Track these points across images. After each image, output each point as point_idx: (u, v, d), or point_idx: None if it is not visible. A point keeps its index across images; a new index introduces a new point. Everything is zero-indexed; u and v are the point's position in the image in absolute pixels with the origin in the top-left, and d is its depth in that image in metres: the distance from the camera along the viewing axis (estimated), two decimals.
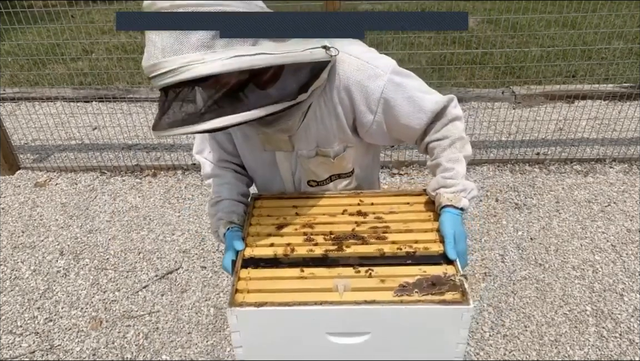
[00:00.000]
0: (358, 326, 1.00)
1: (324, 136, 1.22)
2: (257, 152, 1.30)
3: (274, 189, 1.39)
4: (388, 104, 1.16)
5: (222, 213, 1.26)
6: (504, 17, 3.70)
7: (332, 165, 1.28)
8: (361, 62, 1.14)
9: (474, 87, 4.21)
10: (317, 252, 1.12)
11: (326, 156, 1.25)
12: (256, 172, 1.38)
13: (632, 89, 3.96)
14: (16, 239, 2.89)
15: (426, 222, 1.21)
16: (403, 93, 1.16)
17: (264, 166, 1.33)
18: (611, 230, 2.80)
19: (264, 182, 1.40)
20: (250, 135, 1.27)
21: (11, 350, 2.22)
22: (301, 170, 1.30)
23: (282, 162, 1.30)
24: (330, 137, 1.22)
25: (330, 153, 1.25)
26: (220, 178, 1.35)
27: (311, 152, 1.25)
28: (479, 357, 2.13)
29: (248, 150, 1.31)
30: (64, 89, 4.25)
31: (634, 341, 2.16)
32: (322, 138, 1.22)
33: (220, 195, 1.31)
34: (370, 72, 1.14)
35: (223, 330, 2.28)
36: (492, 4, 5.01)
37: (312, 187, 1.35)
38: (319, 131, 1.21)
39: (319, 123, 1.20)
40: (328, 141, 1.23)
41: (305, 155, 1.25)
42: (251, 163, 1.36)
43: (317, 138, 1.22)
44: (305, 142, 1.23)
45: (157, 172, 3.47)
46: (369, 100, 1.15)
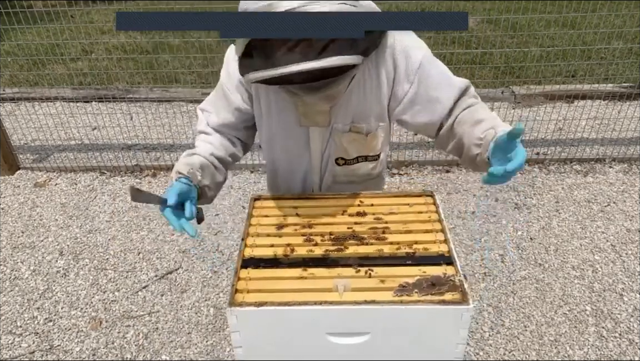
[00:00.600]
0: (358, 326, 1.00)
1: (362, 108, 1.26)
2: (290, 129, 1.30)
3: (300, 169, 1.39)
4: (423, 74, 1.22)
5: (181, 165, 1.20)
6: (503, 17, 3.70)
7: (363, 144, 1.32)
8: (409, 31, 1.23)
9: (474, 87, 4.20)
10: (317, 252, 1.12)
11: (359, 132, 1.29)
12: (286, 151, 1.36)
13: (631, 88, 3.96)
14: (16, 239, 2.89)
15: (426, 223, 1.21)
16: (437, 68, 1.24)
17: (295, 143, 1.33)
18: (611, 230, 2.80)
19: (289, 161, 1.39)
20: (287, 110, 1.27)
21: (11, 350, 2.22)
22: (332, 146, 1.32)
23: (315, 139, 1.31)
24: (367, 111, 1.27)
25: (364, 130, 1.28)
26: (208, 135, 1.34)
27: (346, 126, 1.28)
28: (478, 357, 2.13)
29: (281, 126, 1.31)
30: (64, 89, 4.24)
31: (633, 341, 2.16)
32: (360, 112, 1.26)
33: (195, 151, 1.29)
34: (415, 42, 1.23)
35: (223, 330, 2.28)
36: (491, 4, 5.01)
37: (339, 165, 1.36)
38: (359, 102, 1.25)
39: (360, 93, 1.24)
40: (364, 115, 1.27)
41: (340, 130, 1.28)
42: (281, 141, 1.35)
43: (354, 111, 1.26)
44: (342, 115, 1.26)
45: (156, 172, 3.47)
46: (408, 69, 1.22)
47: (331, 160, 1.35)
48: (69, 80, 4.41)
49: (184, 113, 4.06)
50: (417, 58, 1.22)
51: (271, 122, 1.31)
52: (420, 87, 1.23)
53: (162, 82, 4.43)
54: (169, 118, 3.92)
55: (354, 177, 1.41)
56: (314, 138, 1.31)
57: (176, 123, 3.85)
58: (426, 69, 1.22)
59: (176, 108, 4.10)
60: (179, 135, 3.79)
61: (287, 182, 1.45)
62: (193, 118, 3.96)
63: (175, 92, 4.30)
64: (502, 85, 4.22)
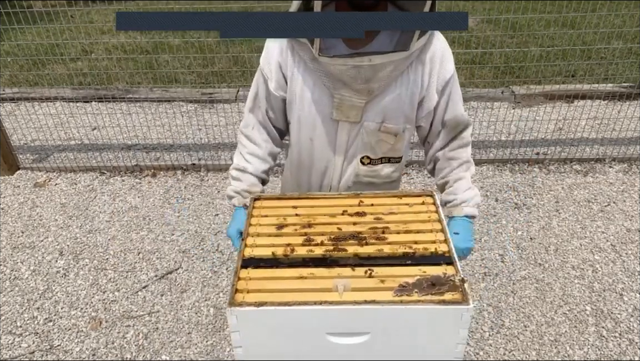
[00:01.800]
0: (358, 326, 1.00)
1: (394, 108, 1.29)
2: (320, 120, 1.33)
3: (321, 162, 1.41)
4: (449, 86, 1.30)
5: (242, 190, 1.39)
6: (503, 17, 3.70)
7: (389, 145, 1.36)
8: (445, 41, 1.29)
9: (474, 86, 4.20)
10: (317, 252, 1.12)
11: (388, 133, 1.32)
12: (311, 140, 1.38)
13: (631, 88, 3.97)
14: (16, 239, 2.89)
15: (426, 223, 1.21)
16: (458, 90, 1.33)
17: (322, 135, 1.35)
18: (611, 229, 2.80)
19: (312, 152, 1.41)
20: (321, 101, 1.30)
21: (11, 350, 2.22)
22: (360, 144, 1.35)
23: (342, 133, 1.33)
24: (398, 111, 1.30)
25: (393, 130, 1.32)
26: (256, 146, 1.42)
27: (377, 124, 1.31)
28: (478, 357, 2.13)
29: (312, 115, 1.33)
30: (64, 89, 4.24)
31: (633, 341, 2.16)
32: (391, 111, 1.29)
33: (247, 168, 1.40)
34: (449, 53, 1.29)
35: (223, 330, 2.28)
36: (491, 3, 5.01)
37: (363, 164, 1.39)
38: (392, 101, 1.28)
39: (394, 93, 1.27)
40: (395, 115, 1.30)
41: (370, 127, 1.31)
42: (309, 130, 1.36)
43: (387, 110, 1.29)
44: (374, 112, 1.29)
45: (156, 172, 3.47)
46: (440, 79, 1.28)
47: (357, 158, 1.38)
48: (68, 80, 4.41)
49: (184, 113, 4.06)
50: (450, 70, 1.28)
51: (302, 110, 1.33)
52: (441, 101, 1.31)
53: (162, 82, 4.43)
54: (169, 118, 3.92)
55: (375, 178, 1.43)
56: (341, 133, 1.33)
57: (176, 123, 3.85)
58: (454, 86, 1.30)
59: (176, 108, 4.10)
60: (179, 135, 3.79)
61: (308, 174, 1.47)
62: (193, 118, 3.97)
63: (175, 92, 4.30)
64: (502, 85, 4.22)
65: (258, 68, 1.36)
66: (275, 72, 1.31)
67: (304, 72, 1.28)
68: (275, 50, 1.30)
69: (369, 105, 1.28)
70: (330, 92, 1.27)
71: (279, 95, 1.35)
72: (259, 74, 1.36)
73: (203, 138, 3.75)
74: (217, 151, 3.59)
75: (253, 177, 1.40)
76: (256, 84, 1.38)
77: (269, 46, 1.32)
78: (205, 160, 3.52)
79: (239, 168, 1.41)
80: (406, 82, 1.26)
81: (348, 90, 1.24)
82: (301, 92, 1.30)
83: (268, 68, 1.32)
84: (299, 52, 1.26)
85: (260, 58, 1.35)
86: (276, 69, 1.31)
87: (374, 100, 1.27)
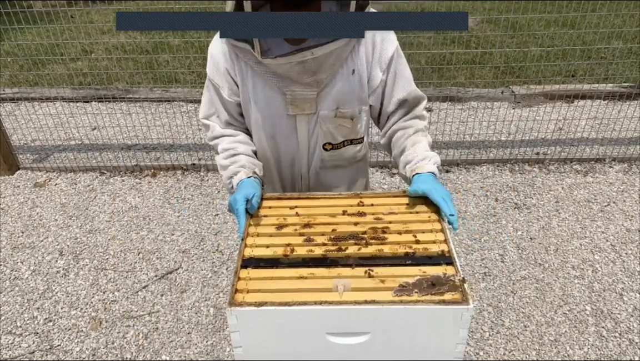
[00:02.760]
0: (358, 326, 1.00)
1: (346, 93, 1.32)
2: (276, 117, 1.35)
3: (288, 155, 1.43)
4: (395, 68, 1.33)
5: (246, 162, 1.34)
6: (503, 16, 3.70)
7: (348, 128, 1.38)
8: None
9: (474, 86, 4.21)
10: (317, 252, 1.12)
11: (344, 117, 1.35)
12: (273, 138, 1.40)
13: (631, 88, 3.97)
14: (16, 239, 2.89)
15: (426, 223, 1.21)
16: (405, 66, 1.36)
17: (282, 131, 1.37)
18: (611, 229, 2.80)
19: (277, 148, 1.42)
20: (274, 99, 1.31)
21: (11, 350, 2.22)
22: (319, 132, 1.37)
23: (302, 126, 1.36)
24: (351, 95, 1.33)
25: (348, 114, 1.35)
26: (234, 136, 1.41)
27: (332, 112, 1.34)
28: (478, 357, 2.13)
29: (268, 114, 1.35)
30: (64, 89, 4.24)
31: (633, 341, 2.16)
32: (344, 96, 1.32)
33: (237, 149, 1.37)
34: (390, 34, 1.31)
35: (223, 330, 2.28)
36: (491, 3, 5.01)
37: (326, 150, 1.41)
38: (343, 87, 1.31)
39: (344, 78, 1.30)
40: (349, 100, 1.33)
41: (326, 116, 1.34)
42: (269, 129, 1.38)
43: (339, 96, 1.32)
44: (328, 101, 1.32)
45: (156, 172, 3.47)
46: (383, 57, 1.30)
47: (319, 145, 1.40)
48: (68, 80, 4.41)
49: (184, 113, 4.06)
50: (392, 48, 1.31)
51: (258, 110, 1.35)
52: (389, 78, 1.34)
53: (162, 82, 4.43)
54: (169, 118, 3.92)
55: (340, 160, 1.46)
56: (300, 126, 1.36)
57: (176, 123, 3.85)
58: (398, 63, 1.33)
59: (176, 108, 4.10)
60: (179, 135, 3.79)
61: (277, 168, 1.49)
62: (193, 118, 3.96)
63: (175, 92, 4.30)
64: (502, 85, 4.22)
65: (207, 78, 1.36)
66: (226, 79, 1.33)
67: (252, 76, 1.29)
68: (220, 58, 1.31)
69: (321, 95, 1.31)
70: (282, 90, 1.29)
71: (233, 101, 1.36)
72: (209, 84, 1.37)
73: (203, 138, 3.75)
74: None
75: (248, 156, 1.37)
76: (208, 93, 1.39)
77: (214, 54, 1.32)
78: (205, 160, 3.52)
79: (229, 155, 1.37)
80: (351, 66, 1.29)
81: (298, 85, 1.27)
82: (254, 95, 1.32)
83: (218, 76, 1.33)
84: (243, 58, 1.27)
85: (207, 68, 1.35)
86: (225, 75, 1.32)
87: (324, 90, 1.30)
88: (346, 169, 1.50)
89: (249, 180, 1.30)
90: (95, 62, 4.62)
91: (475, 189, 3.19)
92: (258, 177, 1.33)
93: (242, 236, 1.18)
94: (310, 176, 1.48)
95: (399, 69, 1.34)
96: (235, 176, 1.33)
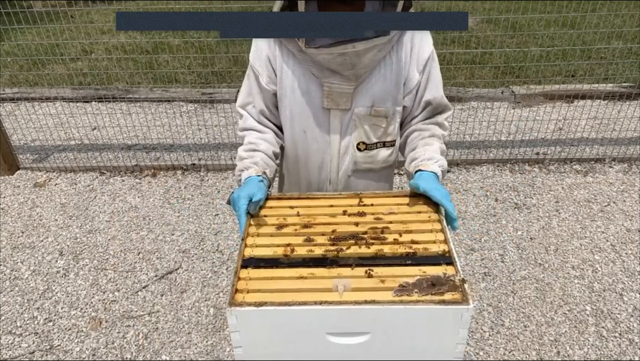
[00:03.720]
0: (358, 326, 1.00)
1: (382, 91, 1.32)
2: (311, 110, 1.35)
3: (318, 153, 1.42)
4: (428, 65, 1.33)
5: (259, 160, 1.33)
6: (503, 16, 3.70)
7: (382, 129, 1.39)
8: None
9: (474, 86, 4.21)
10: (317, 252, 1.12)
11: (379, 116, 1.35)
12: (304, 132, 1.39)
13: (631, 88, 3.97)
14: (16, 239, 2.89)
15: (426, 223, 1.21)
16: (437, 64, 1.37)
17: (315, 125, 1.37)
18: (611, 229, 2.80)
19: (307, 144, 1.41)
20: (311, 91, 1.32)
21: (11, 350, 2.22)
22: (353, 130, 1.37)
23: (335, 122, 1.36)
24: (386, 94, 1.33)
25: (383, 113, 1.35)
26: (262, 133, 1.40)
27: (367, 109, 1.34)
28: (478, 357, 2.13)
29: (303, 106, 1.35)
30: (64, 89, 4.24)
31: (633, 341, 2.16)
32: (380, 95, 1.33)
33: (258, 146, 1.37)
34: (427, 33, 1.33)
35: (223, 330, 2.28)
36: (491, 3, 5.01)
37: (360, 150, 1.40)
38: (378, 85, 1.31)
39: (380, 76, 1.31)
40: (384, 98, 1.34)
41: (361, 113, 1.34)
42: (302, 122, 1.38)
43: (374, 94, 1.32)
44: (364, 98, 1.32)
45: (156, 172, 3.47)
46: (420, 57, 1.32)
47: (352, 145, 1.39)
48: (68, 80, 4.41)
49: (184, 113, 4.06)
50: (429, 49, 1.32)
51: (294, 102, 1.35)
52: (422, 79, 1.34)
53: (162, 82, 4.43)
54: (169, 118, 3.92)
55: (373, 163, 1.45)
56: (334, 121, 1.36)
57: (176, 123, 3.85)
58: (432, 66, 1.34)
59: (176, 108, 4.10)
60: (179, 135, 3.79)
61: (305, 169, 1.47)
62: (193, 118, 3.97)
63: (175, 92, 4.30)
64: (502, 85, 4.22)
65: (249, 65, 1.38)
66: (266, 66, 1.34)
67: (293, 64, 1.31)
68: (264, 45, 1.33)
69: (358, 90, 1.31)
70: (320, 81, 1.30)
71: (270, 90, 1.37)
72: (250, 71, 1.38)
73: (203, 138, 3.75)
74: (217, 151, 3.59)
75: (266, 155, 1.36)
76: (248, 81, 1.40)
77: (258, 41, 1.34)
78: (205, 160, 3.52)
79: (249, 148, 1.37)
80: (390, 65, 1.30)
81: (336, 77, 1.28)
82: (292, 84, 1.33)
83: (259, 63, 1.35)
84: (287, 45, 1.29)
85: (249, 55, 1.37)
86: (266, 63, 1.33)
87: (361, 86, 1.31)
88: (376, 175, 1.48)
89: (256, 178, 1.28)
90: (95, 62, 4.62)
91: (475, 189, 3.19)
92: (267, 177, 1.32)
93: (242, 236, 1.18)
94: (339, 181, 1.46)
95: (433, 72, 1.35)
96: (246, 171, 1.31)
